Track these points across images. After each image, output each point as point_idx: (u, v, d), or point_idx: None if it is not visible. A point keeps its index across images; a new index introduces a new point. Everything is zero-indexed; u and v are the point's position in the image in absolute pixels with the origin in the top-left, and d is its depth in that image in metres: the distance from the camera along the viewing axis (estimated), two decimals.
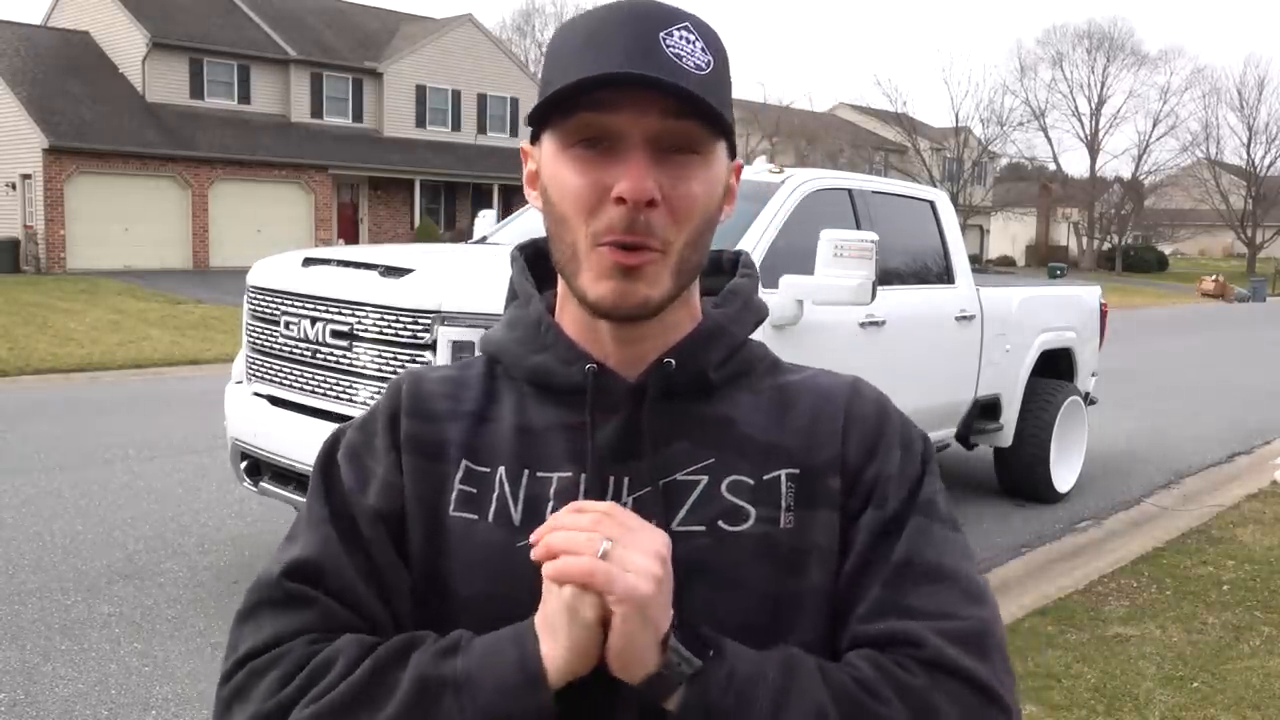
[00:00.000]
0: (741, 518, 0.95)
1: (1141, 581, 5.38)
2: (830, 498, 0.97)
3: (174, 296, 20.03)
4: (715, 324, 1.01)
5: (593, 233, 0.91)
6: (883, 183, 6.71)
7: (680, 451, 0.97)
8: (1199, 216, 56.41)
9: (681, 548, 0.91)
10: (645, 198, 0.88)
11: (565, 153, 0.92)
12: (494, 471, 0.99)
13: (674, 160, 0.91)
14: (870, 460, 0.98)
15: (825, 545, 0.96)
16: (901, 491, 0.98)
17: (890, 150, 49.44)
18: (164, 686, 3.95)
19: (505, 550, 0.95)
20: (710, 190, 0.94)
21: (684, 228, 0.92)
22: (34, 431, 8.31)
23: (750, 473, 0.97)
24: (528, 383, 1.01)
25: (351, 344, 4.33)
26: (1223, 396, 12.42)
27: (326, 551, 0.97)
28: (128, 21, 28.27)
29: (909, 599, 0.93)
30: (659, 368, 0.97)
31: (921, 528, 0.96)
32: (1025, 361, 6.92)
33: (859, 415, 1.01)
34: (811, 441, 0.99)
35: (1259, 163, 55.59)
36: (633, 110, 0.89)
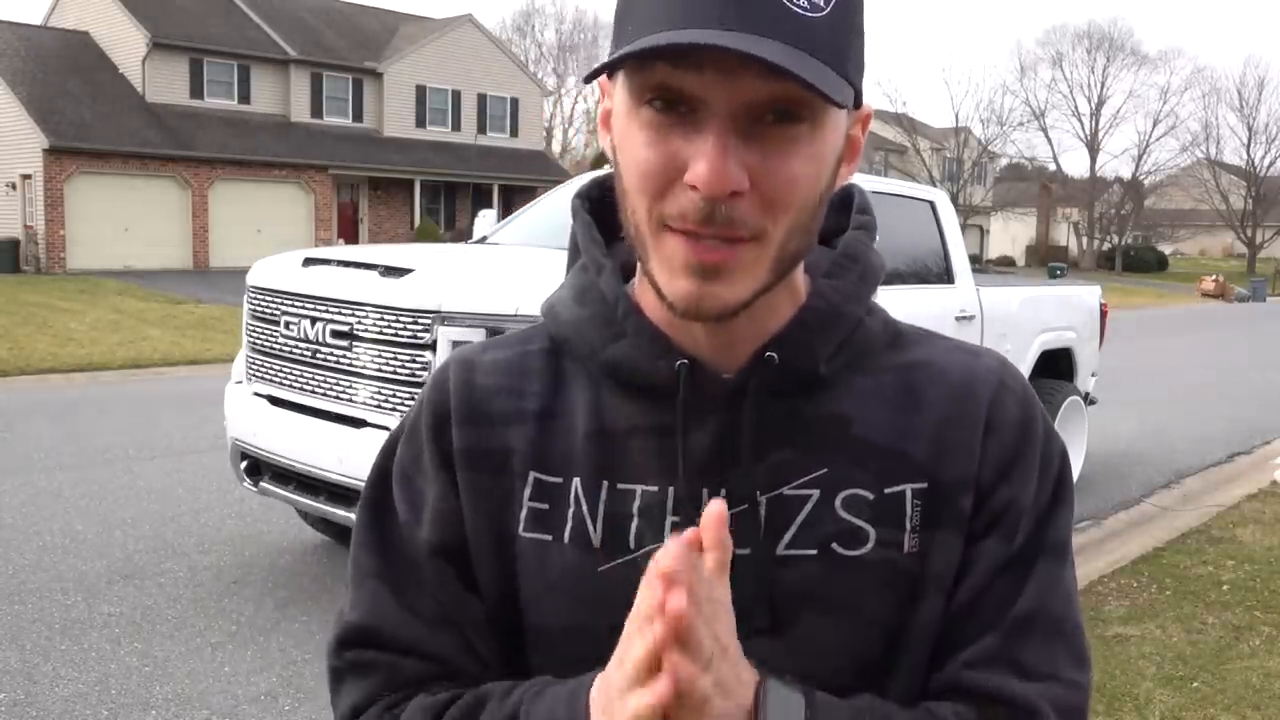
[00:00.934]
0: (860, 540, 0.82)
1: (1141, 581, 5.38)
2: (958, 519, 0.84)
3: (174, 296, 20.03)
4: (829, 305, 0.84)
5: (661, 215, 0.75)
6: (883, 183, 6.70)
7: (786, 460, 0.83)
8: (1199, 216, 56.42)
9: (789, 574, 0.81)
10: (725, 190, 0.71)
11: (637, 112, 0.75)
12: (568, 483, 0.85)
13: (771, 133, 0.73)
14: (1004, 481, 0.85)
15: (947, 572, 0.84)
16: (1032, 524, 0.85)
17: (890, 150, 49.44)
18: (164, 686, 3.95)
19: (583, 575, 0.84)
20: (820, 166, 0.76)
21: (782, 216, 0.75)
22: (34, 431, 8.31)
23: (870, 485, 0.83)
24: (606, 374, 0.86)
25: (351, 344, 4.33)
26: (1223, 396, 12.42)
27: (379, 611, 0.88)
28: (128, 21, 28.27)
29: (1024, 654, 0.82)
30: (760, 363, 0.82)
31: (1050, 575, 0.85)
32: (1025, 361, 6.92)
33: (1002, 422, 0.86)
34: (944, 449, 0.84)
35: (1259, 163, 55.65)
36: (718, 70, 0.70)
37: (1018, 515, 0.84)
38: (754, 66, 0.69)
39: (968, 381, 0.87)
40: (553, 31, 60.79)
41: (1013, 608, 0.83)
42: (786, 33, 0.70)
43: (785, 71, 0.68)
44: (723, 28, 0.69)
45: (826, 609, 0.82)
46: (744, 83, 0.70)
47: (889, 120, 49.22)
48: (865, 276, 0.87)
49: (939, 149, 49.93)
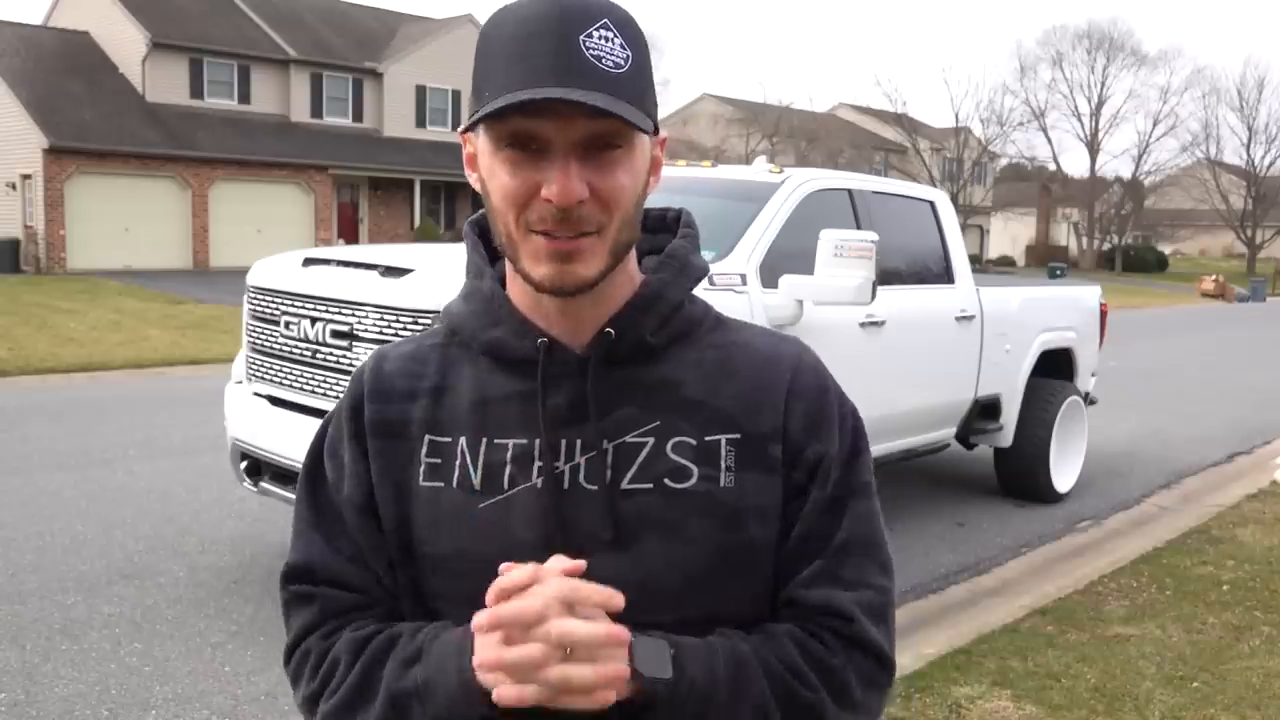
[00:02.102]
0: (685, 476, 1.04)
1: (1141, 581, 5.38)
2: (771, 463, 1.06)
3: (174, 296, 20.03)
4: (652, 290, 1.08)
5: (526, 221, 0.99)
6: (883, 183, 6.70)
7: (628, 415, 1.05)
8: (1199, 216, 56.44)
9: (632, 504, 1.03)
10: (573, 201, 0.96)
11: (499, 153, 0.99)
12: (455, 441, 1.07)
13: (601, 157, 0.98)
14: (813, 438, 1.07)
15: (767, 505, 1.05)
16: (840, 471, 1.08)
17: (890, 150, 49.42)
18: (164, 686, 3.95)
19: (467, 511, 1.05)
20: (636, 176, 1.01)
21: (615, 213, 0.99)
22: (34, 431, 8.32)
23: (693, 434, 1.05)
24: (483, 354, 1.09)
25: (351, 344, 4.33)
26: (1223, 396, 12.42)
27: (314, 552, 1.12)
28: (128, 21, 28.28)
29: (843, 570, 1.06)
30: (601, 337, 1.05)
31: (860, 508, 1.08)
32: (1025, 361, 6.92)
33: (801, 388, 1.09)
34: (752, 408, 1.07)
35: (1259, 163, 55.67)
36: (558, 119, 0.95)
37: (829, 466, 1.07)
38: (582, 110, 0.94)
39: (773, 356, 1.10)
40: None
41: (835, 536, 1.07)
42: (600, 84, 0.95)
43: (605, 111, 0.94)
44: (556, 85, 0.94)
45: (661, 530, 1.03)
46: (576, 124, 0.96)
47: (889, 120, 49.21)
48: (684, 270, 1.11)
49: (939, 149, 49.92)
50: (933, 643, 4.54)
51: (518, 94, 0.94)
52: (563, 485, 1.04)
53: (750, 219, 5.24)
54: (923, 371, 6.02)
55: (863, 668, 1.05)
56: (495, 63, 0.99)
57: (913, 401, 5.99)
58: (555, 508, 1.03)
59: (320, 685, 1.07)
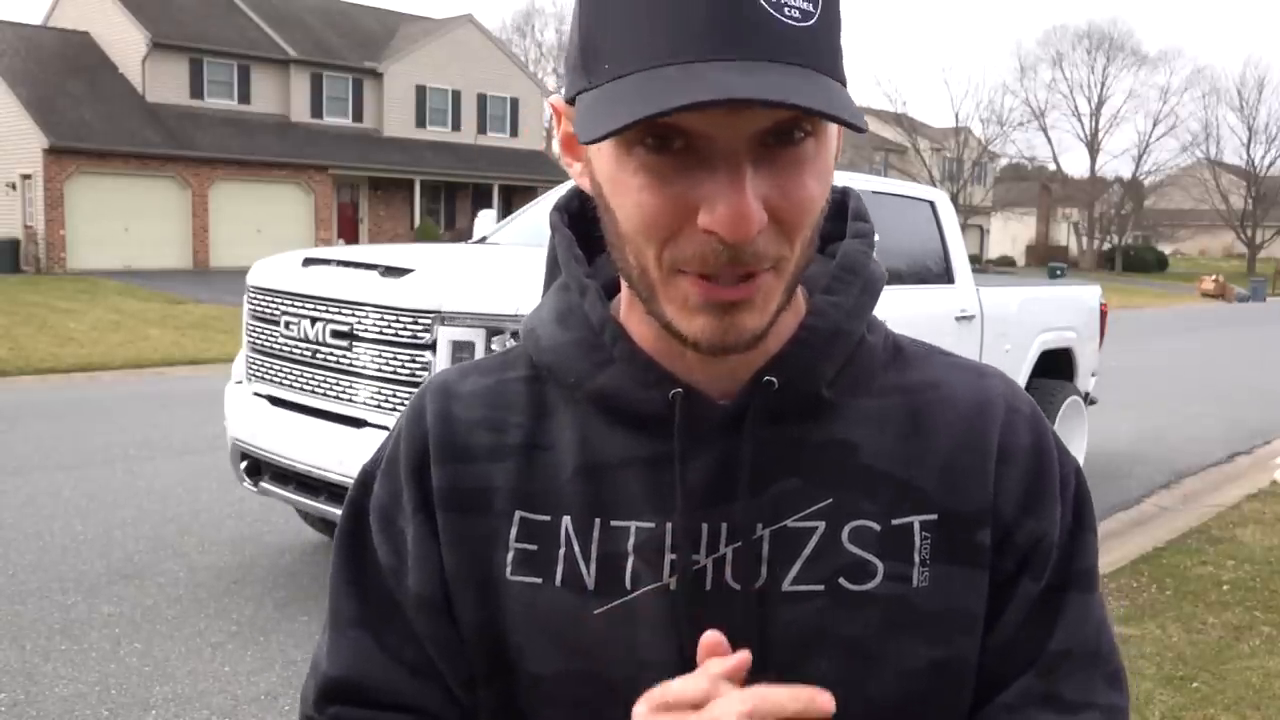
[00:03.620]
0: (868, 574, 0.78)
1: (1141, 581, 5.38)
2: (979, 554, 0.80)
3: (174, 296, 20.03)
4: (830, 324, 0.79)
5: (672, 260, 0.69)
6: (883, 183, 6.70)
7: (789, 490, 0.78)
8: (1199, 216, 56.44)
9: (795, 611, 0.77)
10: (752, 234, 0.66)
11: (628, 156, 0.68)
12: (557, 521, 0.80)
13: (782, 155, 0.67)
14: (1027, 514, 0.81)
15: (973, 610, 0.79)
16: (1058, 556, 0.82)
17: (890, 150, 49.43)
18: (164, 686, 3.95)
19: (578, 620, 0.79)
20: (827, 178, 0.71)
21: (798, 239, 0.70)
22: (34, 431, 8.31)
23: (877, 516, 0.78)
24: (590, 404, 0.81)
25: (351, 344, 4.33)
26: (1223, 396, 12.41)
27: (363, 662, 0.84)
28: (128, 21, 28.27)
29: (1061, 688, 0.81)
30: (760, 388, 0.77)
31: (1082, 606, 0.83)
32: (1025, 361, 6.92)
33: (1015, 449, 0.81)
34: (955, 479, 0.80)
35: (1259, 163, 55.66)
36: (721, 110, 0.64)
37: (1047, 550, 0.81)
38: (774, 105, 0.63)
39: (978, 405, 0.82)
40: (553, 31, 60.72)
41: (1048, 644, 0.81)
42: (785, 51, 0.64)
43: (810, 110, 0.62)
44: (719, 57, 0.63)
45: (835, 647, 0.77)
46: (749, 114, 0.64)
47: (889, 120, 49.20)
48: (867, 290, 0.81)
49: (939, 149, 49.93)
50: None
51: (663, 72, 0.63)
52: (704, 585, 0.77)
53: None
54: None
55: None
56: (615, 11, 0.67)
57: None
58: (694, 616, 0.76)
59: None
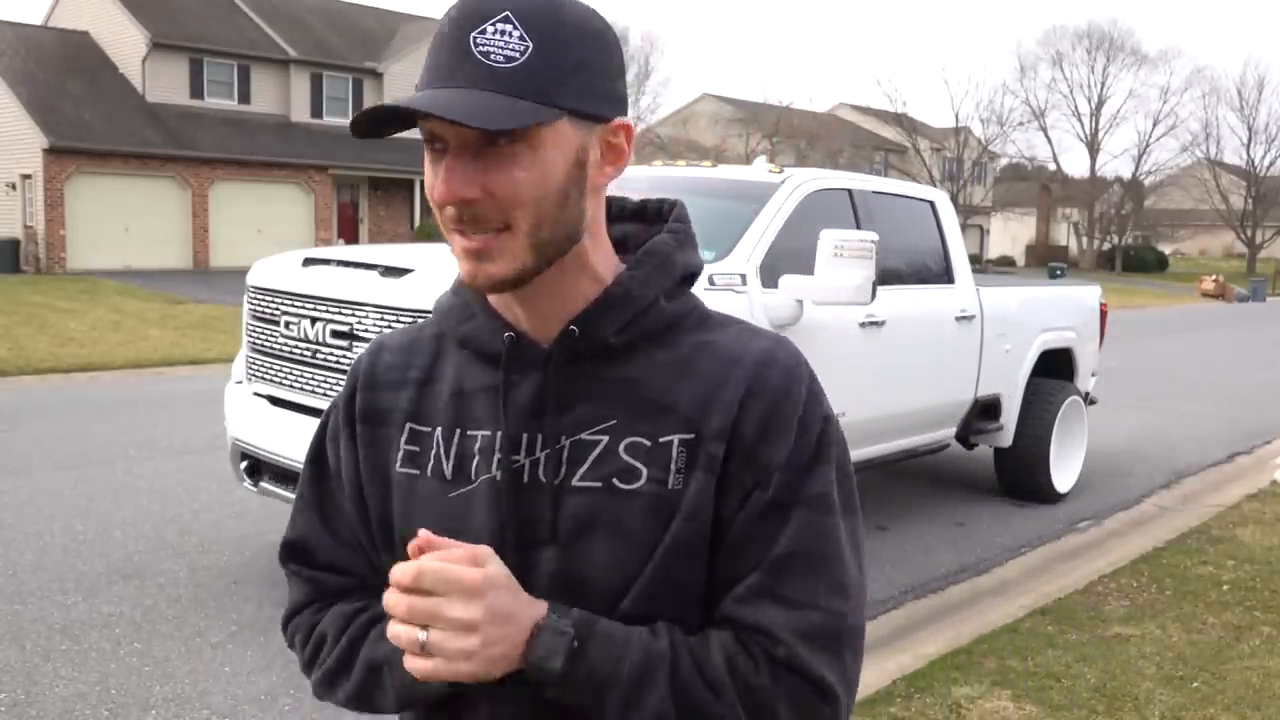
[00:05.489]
0: (634, 477, 1.02)
1: (1141, 581, 5.38)
2: (711, 463, 1.02)
3: (174, 296, 20.03)
4: (621, 290, 1.05)
5: (442, 219, 1.00)
6: (883, 183, 6.70)
7: (586, 412, 1.04)
8: (1199, 216, 56.45)
9: (580, 501, 1.03)
10: (452, 200, 0.96)
11: (425, 149, 1.00)
12: (433, 431, 1.10)
13: (497, 153, 0.96)
14: (763, 439, 1.02)
15: (697, 505, 1.01)
16: (790, 477, 1.02)
17: (890, 150, 49.42)
18: (164, 686, 3.95)
19: (439, 500, 1.07)
20: (543, 170, 0.97)
21: (517, 210, 0.97)
22: (34, 431, 8.31)
23: (647, 434, 1.03)
24: (459, 346, 1.11)
25: (351, 344, 4.33)
26: (1223, 396, 12.41)
27: (311, 534, 1.19)
28: (128, 21, 28.27)
29: (782, 587, 1.00)
30: (565, 334, 1.05)
31: (810, 522, 1.01)
32: (1025, 361, 6.92)
33: (761, 388, 1.04)
34: (708, 407, 1.03)
35: (1259, 163, 55.68)
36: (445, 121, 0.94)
37: (774, 470, 1.01)
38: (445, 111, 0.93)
39: (736, 355, 1.05)
40: None
41: (773, 549, 1.00)
42: (482, 80, 0.94)
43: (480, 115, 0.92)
44: (437, 86, 0.95)
45: (604, 529, 1.02)
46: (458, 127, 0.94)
47: (889, 120, 49.19)
48: (662, 267, 1.07)
49: (939, 149, 49.91)
50: (933, 643, 4.54)
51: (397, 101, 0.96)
52: (522, 479, 1.04)
53: (750, 219, 5.24)
54: (923, 371, 6.02)
55: (796, 695, 0.99)
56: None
57: (913, 401, 5.99)
58: (511, 501, 1.04)
59: (309, 658, 1.16)
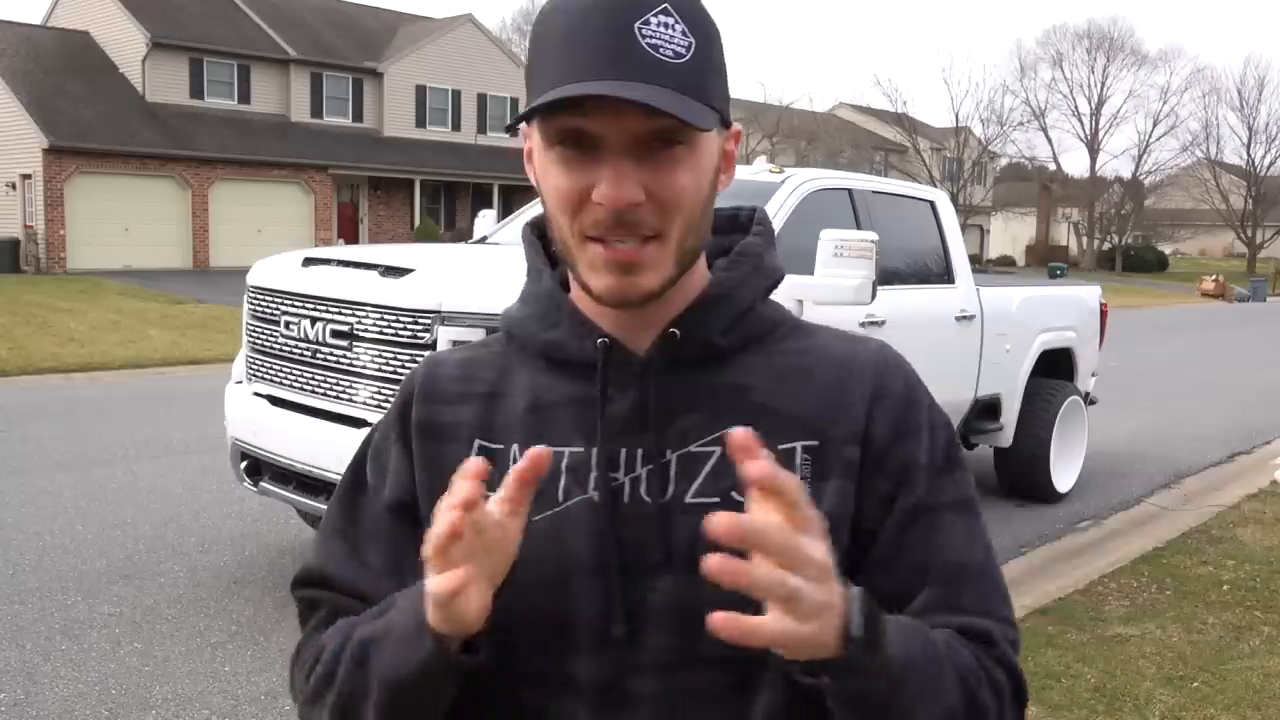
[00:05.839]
0: None
1: (1141, 581, 5.38)
2: (848, 469, 0.96)
3: (174, 296, 20.03)
4: (721, 289, 1.00)
5: (580, 228, 0.92)
6: (883, 183, 6.70)
7: (694, 423, 0.97)
8: (1199, 216, 56.42)
9: (695, 520, 0.87)
10: (624, 204, 0.89)
11: (549, 151, 0.92)
12: (507, 448, 1.00)
13: (659, 155, 0.90)
14: (899, 442, 0.98)
15: (837, 514, 0.94)
16: (931, 480, 0.98)
17: (890, 150, 49.43)
18: (164, 686, 3.95)
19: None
20: (700, 175, 0.93)
21: (675, 217, 0.92)
22: (34, 431, 8.31)
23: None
24: (542, 358, 1.02)
25: (351, 344, 4.33)
26: (1223, 396, 12.41)
27: (331, 561, 1.05)
28: (128, 21, 28.27)
29: (960, 599, 0.95)
30: (665, 338, 0.97)
31: (962, 527, 0.98)
32: (1025, 361, 6.92)
33: (888, 392, 1.00)
34: (832, 412, 0.98)
35: (1259, 163, 55.65)
36: (610, 115, 0.88)
37: (916, 470, 0.97)
38: (633, 109, 0.86)
39: (850, 358, 1.02)
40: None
41: (937, 557, 0.96)
42: (657, 76, 0.87)
43: (658, 109, 0.85)
44: (603, 78, 0.87)
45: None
46: (628, 120, 0.88)
47: (889, 120, 49.20)
48: (758, 269, 1.03)
49: (939, 149, 49.92)
50: None
51: (563, 89, 0.87)
52: (622, 499, 0.96)
53: None
54: (922, 371, 5.96)
55: (1008, 698, 0.94)
56: (546, 51, 0.92)
57: None
58: (612, 523, 0.95)
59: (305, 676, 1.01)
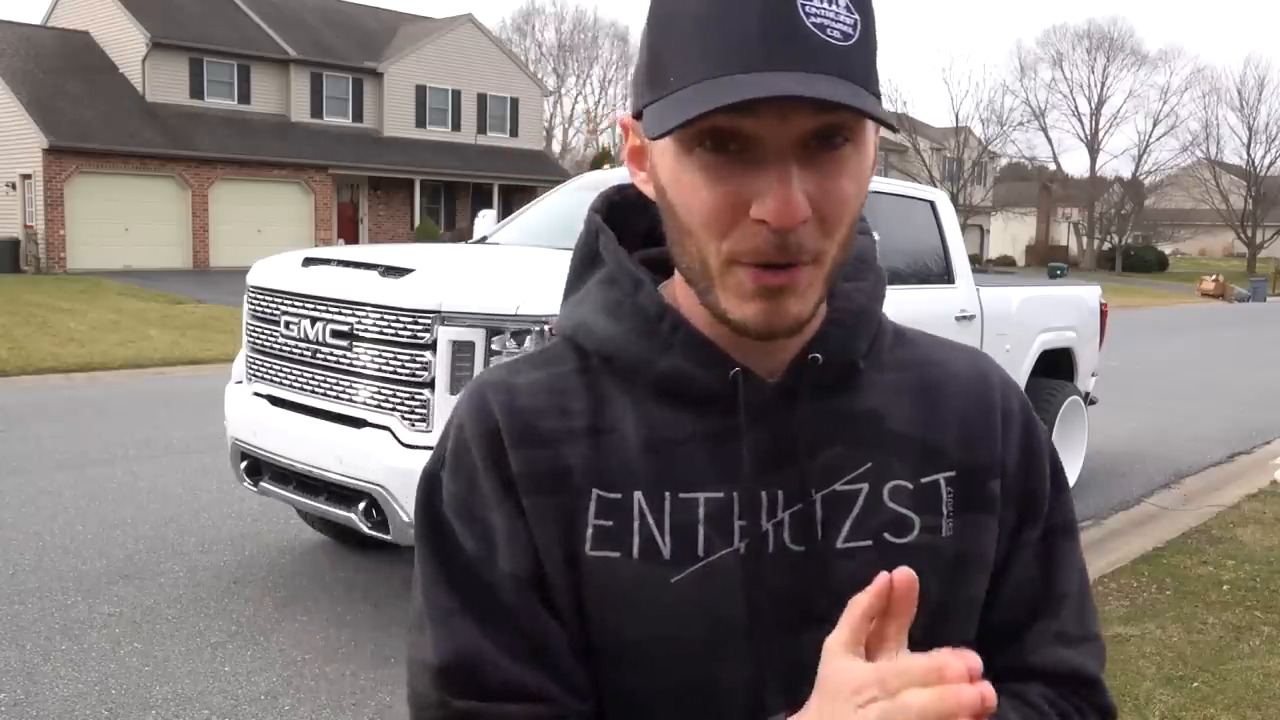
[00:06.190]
0: (907, 528, 0.86)
1: (1141, 581, 5.38)
2: (990, 503, 0.90)
3: (174, 296, 20.03)
4: (856, 305, 0.88)
5: (729, 251, 0.77)
6: (883, 183, 6.70)
7: (835, 457, 0.86)
8: (1199, 216, 56.41)
9: (850, 566, 0.84)
10: (796, 222, 0.74)
11: (688, 157, 0.76)
12: (629, 497, 0.84)
13: (823, 157, 0.75)
14: (1023, 470, 0.92)
15: (988, 555, 0.90)
16: (1050, 507, 0.93)
17: (890, 150, 49.45)
18: (164, 686, 3.95)
19: (659, 587, 0.83)
20: (862, 181, 0.79)
21: (836, 235, 0.78)
22: (34, 431, 8.31)
23: (909, 476, 0.87)
24: (651, 386, 0.86)
25: (351, 344, 4.33)
26: (1223, 396, 12.41)
27: (471, 646, 0.84)
28: (128, 21, 28.27)
29: (1068, 625, 0.93)
30: (805, 364, 0.85)
31: (1070, 554, 0.95)
32: (1025, 361, 6.92)
33: (1012, 413, 0.93)
34: (969, 438, 0.90)
35: (1259, 163, 55.62)
36: (774, 114, 0.72)
37: (1040, 502, 0.93)
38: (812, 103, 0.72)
39: (980, 375, 0.94)
40: (553, 31, 60.71)
41: (1049, 588, 0.92)
42: (828, 65, 0.72)
43: (845, 105, 0.71)
44: (773, 69, 0.71)
45: None
46: (796, 119, 0.73)
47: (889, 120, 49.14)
48: (880, 278, 0.93)
49: (939, 149, 49.92)
50: None
51: (721, 81, 0.72)
52: (766, 549, 0.84)
53: None
54: None
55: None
56: (680, 25, 0.75)
57: None
58: (763, 577, 0.84)
59: None
